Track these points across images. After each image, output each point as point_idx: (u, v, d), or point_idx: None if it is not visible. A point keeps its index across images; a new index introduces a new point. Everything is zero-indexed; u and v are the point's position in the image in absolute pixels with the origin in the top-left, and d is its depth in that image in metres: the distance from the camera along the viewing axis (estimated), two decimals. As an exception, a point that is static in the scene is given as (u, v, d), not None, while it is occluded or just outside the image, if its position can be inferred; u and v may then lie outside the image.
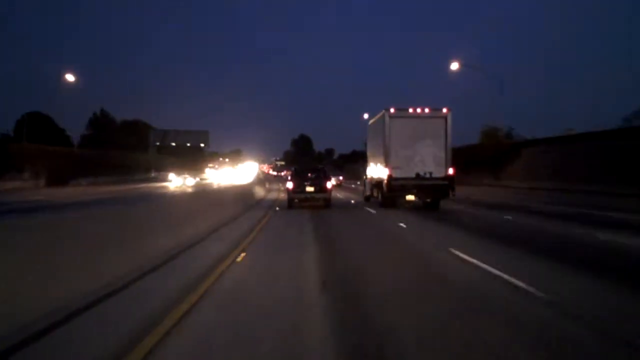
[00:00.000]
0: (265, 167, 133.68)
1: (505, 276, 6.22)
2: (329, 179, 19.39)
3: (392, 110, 17.90)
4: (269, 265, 7.33)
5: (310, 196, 18.56)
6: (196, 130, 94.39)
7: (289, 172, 56.11)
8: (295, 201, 18.87)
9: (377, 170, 19.87)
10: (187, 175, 52.72)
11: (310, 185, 18.47)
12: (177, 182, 50.70)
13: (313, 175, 18.99)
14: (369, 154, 22.66)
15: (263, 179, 46.63)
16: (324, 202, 18.67)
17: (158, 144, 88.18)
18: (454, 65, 37.57)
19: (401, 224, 12.86)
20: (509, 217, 14.68)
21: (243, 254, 8.09)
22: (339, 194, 29.66)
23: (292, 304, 5.05)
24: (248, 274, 6.71)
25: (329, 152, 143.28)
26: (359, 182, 39.52)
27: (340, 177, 50.51)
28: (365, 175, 23.42)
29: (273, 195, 30.98)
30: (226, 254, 8.05)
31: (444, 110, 17.95)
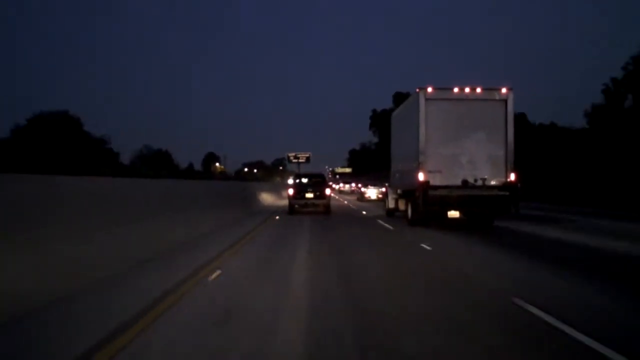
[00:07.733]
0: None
1: None
2: (329, 186, 20.26)
3: (429, 89, 12.68)
4: None
5: (310, 202, 19.13)
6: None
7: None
8: (295, 206, 19.26)
9: (405, 176, 14.64)
10: None
11: (310, 192, 19.04)
12: None
13: (313, 182, 20.02)
14: (393, 153, 17.38)
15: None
16: (323, 208, 19.13)
17: None
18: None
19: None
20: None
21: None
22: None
23: None
24: None
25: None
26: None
27: (383, 189, 31.29)
28: (388, 182, 18.17)
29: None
30: None
31: (503, 90, 12.69)
